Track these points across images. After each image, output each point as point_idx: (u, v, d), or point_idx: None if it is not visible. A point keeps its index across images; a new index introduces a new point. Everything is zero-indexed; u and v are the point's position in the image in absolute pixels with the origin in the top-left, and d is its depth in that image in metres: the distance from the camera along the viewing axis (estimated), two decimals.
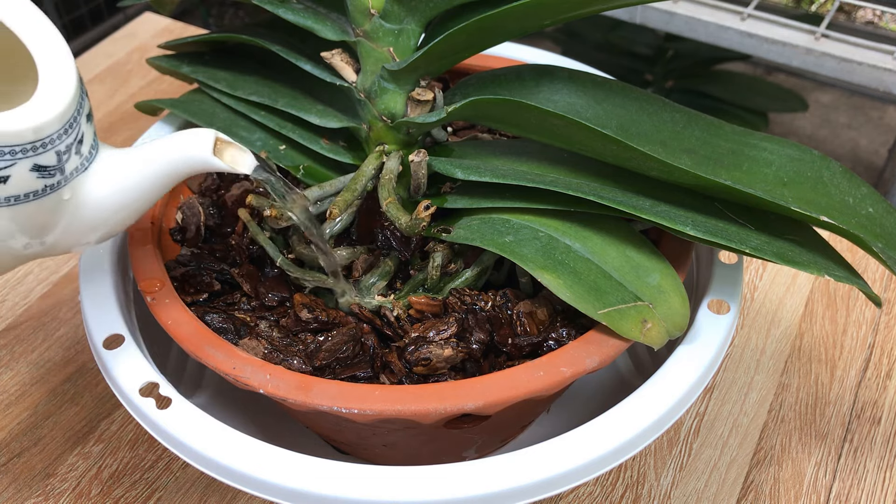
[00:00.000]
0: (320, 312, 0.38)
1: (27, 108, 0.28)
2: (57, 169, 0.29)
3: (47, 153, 0.28)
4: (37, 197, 0.29)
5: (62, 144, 0.29)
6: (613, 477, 0.45)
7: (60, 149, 0.29)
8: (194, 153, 0.32)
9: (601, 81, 0.40)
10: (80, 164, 0.30)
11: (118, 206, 0.32)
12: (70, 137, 0.29)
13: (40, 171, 0.28)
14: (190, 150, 0.32)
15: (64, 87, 0.29)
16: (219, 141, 0.33)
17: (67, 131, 0.29)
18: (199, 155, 0.32)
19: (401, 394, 0.33)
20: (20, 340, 0.52)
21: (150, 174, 0.32)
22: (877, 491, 0.45)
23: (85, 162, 0.30)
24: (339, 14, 0.40)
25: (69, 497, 0.44)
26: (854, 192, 0.38)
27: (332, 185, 0.41)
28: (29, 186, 0.28)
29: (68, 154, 0.29)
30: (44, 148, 0.28)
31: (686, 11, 0.83)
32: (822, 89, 1.47)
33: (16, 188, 0.28)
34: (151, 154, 0.32)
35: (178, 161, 0.32)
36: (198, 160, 0.33)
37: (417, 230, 0.37)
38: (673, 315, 0.35)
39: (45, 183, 0.29)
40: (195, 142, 0.32)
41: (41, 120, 0.28)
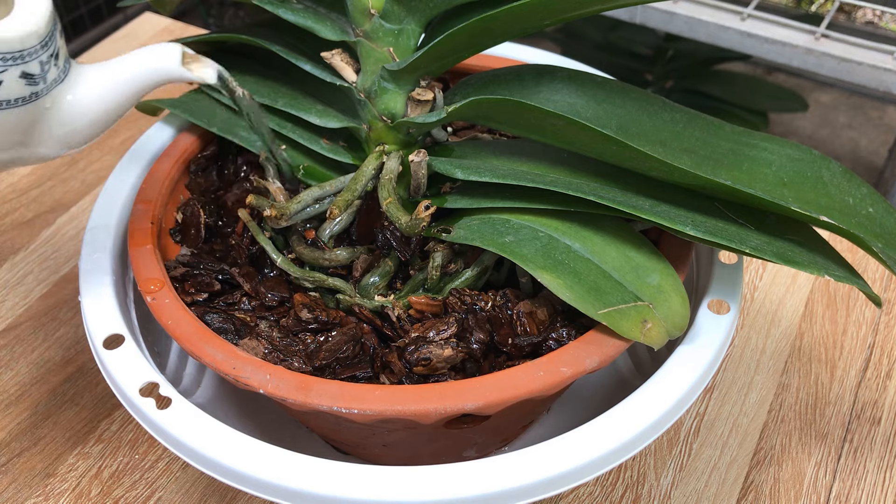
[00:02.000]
0: (320, 312, 0.38)
1: (11, 20, 0.31)
2: (41, 77, 0.32)
3: (33, 62, 0.31)
4: (25, 103, 0.32)
5: (44, 55, 0.32)
6: (613, 477, 0.45)
7: (43, 59, 0.32)
8: (163, 65, 0.35)
9: (601, 81, 0.40)
10: (58, 76, 0.33)
11: (93, 115, 0.35)
12: (50, 49, 0.32)
13: (28, 79, 0.31)
14: (159, 62, 0.35)
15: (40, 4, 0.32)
16: (185, 55, 0.36)
17: (47, 44, 0.32)
18: (168, 66, 0.35)
19: (401, 394, 0.33)
20: (20, 340, 0.52)
21: (122, 84, 0.35)
22: (877, 491, 0.45)
23: (61, 74, 0.33)
24: (339, 14, 0.40)
25: (69, 497, 0.44)
26: (854, 192, 0.38)
27: (332, 185, 0.41)
28: (18, 92, 0.31)
29: (48, 65, 0.32)
30: (30, 57, 0.31)
31: (686, 11, 0.83)
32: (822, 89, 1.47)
33: (7, 93, 0.31)
34: (122, 67, 0.35)
35: (148, 72, 0.35)
36: (167, 71, 0.35)
37: (417, 230, 0.37)
38: (673, 315, 0.35)
39: (31, 90, 0.32)
40: (164, 54, 0.35)
41: (26, 30, 0.31)
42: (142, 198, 0.43)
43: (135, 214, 0.42)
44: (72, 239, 0.58)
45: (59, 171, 0.64)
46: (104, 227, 0.42)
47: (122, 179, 0.45)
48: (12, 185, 0.63)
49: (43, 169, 0.64)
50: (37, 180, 0.63)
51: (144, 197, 0.43)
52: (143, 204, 0.42)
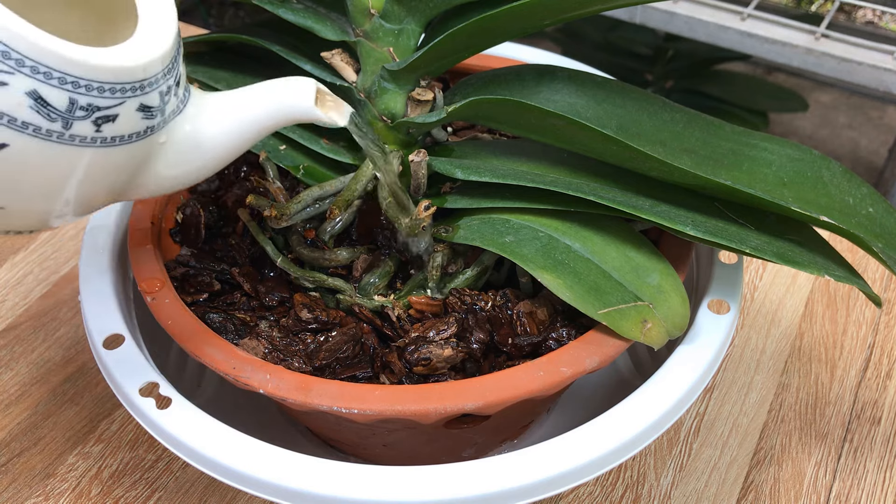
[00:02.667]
0: (320, 312, 0.38)
1: (133, 46, 0.27)
2: (159, 110, 0.28)
3: (152, 93, 0.28)
4: (139, 138, 0.28)
5: (164, 85, 0.28)
6: (613, 477, 0.45)
7: (163, 89, 0.28)
8: (296, 103, 0.31)
9: (601, 81, 0.40)
10: (177, 107, 0.30)
11: (213, 150, 0.31)
12: (171, 78, 0.29)
13: (145, 112, 0.28)
14: (292, 100, 0.31)
15: (167, 24, 0.29)
16: (319, 92, 0.32)
17: (170, 71, 0.29)
18: (301, 105, 0.31)
19: (401, 394, 0.33)
20: (20, 340, 0.52)
21: (246, 121, 0.31)
22: (877, 491, 0.45)
23: (181, 104, 0.30)
24: (339, 14, 0.40)
25: (69, 497, 0.44)
26: (854, 192, 0.38)
27: (332, 185, 0.41)
28: (133, 127, 0.28)
29: (169, 95, 0.29)
30: (150, 87, 0.28)
31: (686, 11, 0.83)
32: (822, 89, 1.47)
33: (122, 128, 0.27)
34: (249, 100, 0.31)
35: (278, 110, 0.31)
36: (299, 110, 0.31)
37: (417, 230, 0.37)
38: (673, 315, 0.35)
39: (147, 124, 0.28)
40: (298, 91, 0.31)
41: (149, 58, 0.27)
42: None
43: (135, 214, 0.42)
44: (72, 239, 0.58)
45: None
46: (104, 227, 0.42)
47: None
48: None
49: None
50: None
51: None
52: (143, 204, 0.42)
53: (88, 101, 0.26)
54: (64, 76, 0.25)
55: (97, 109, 0.26)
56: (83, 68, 0.26)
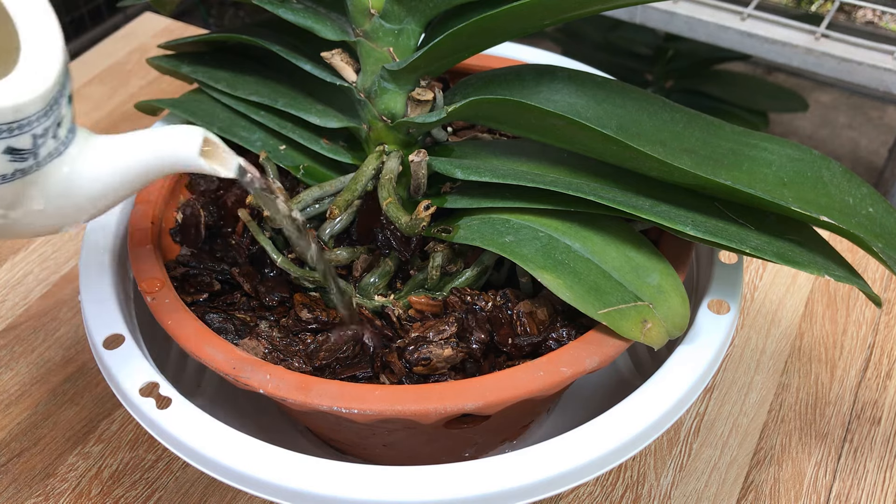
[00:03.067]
0: (320, 312, 0.38)
1: (7, 84, 0.25)
2: (31, 153, 0.26)
3: (23, 136, 0.26)
4: (5, 181, 0.26)
5: (40, 127, 0.26)
6: (613, 477, 0.45)
7: (38, 132, 0.26)
8: (180, 152, 0.30)
9: (601, 81, 0.40)
10: (56, 149, 0.28)
11: (89, 197, 0.30)
12: (49, 120, 0.27)
13: (13, 155, 0.26)
14: (176, 149, 0.30)
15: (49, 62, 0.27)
16: (206, 141, 0.31)
17: (48, 113, 0.26)
18: (184, 154, 0.30)
19: (401, 394, 0.33)
20: (20, 340, 0.52)
21: (129, 168, 0.30)
22: (877, 491, 0.45)
23: (61, 146, 0.28)
24: (339, 14, 0.40)
25: (69, 497, 0.44)
26: (854, 192, 0.38)
27: (332, 185, 0.41)
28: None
29: (44, 138, 0.27)
30: (20, 130, 0.26)
31: (686, 11, 0.83)
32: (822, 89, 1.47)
33: None
34: (133, 146, 0.30)
35: (161, 158, 0.30)
36: (182, 160, 0.30)
37: (417, 230, 0.37)
38: (673, 315, 0.35)
39: (15, 167, 0.26)
40: (182, 140, 0.30)
41: (22, 99, 0.25)
42: (142, 198, 0.43)
43: (135, 214, 0.42)
44: (72, 239, 0.58)
45: None
46: (104, 227, 0.42)
47: None
48: None
49: None
50: None
51: (144, 197, 0.43)
52: (143, 204, 0.42)
53: None
54: None
55: None
56: None
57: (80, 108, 0.70)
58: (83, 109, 0.70)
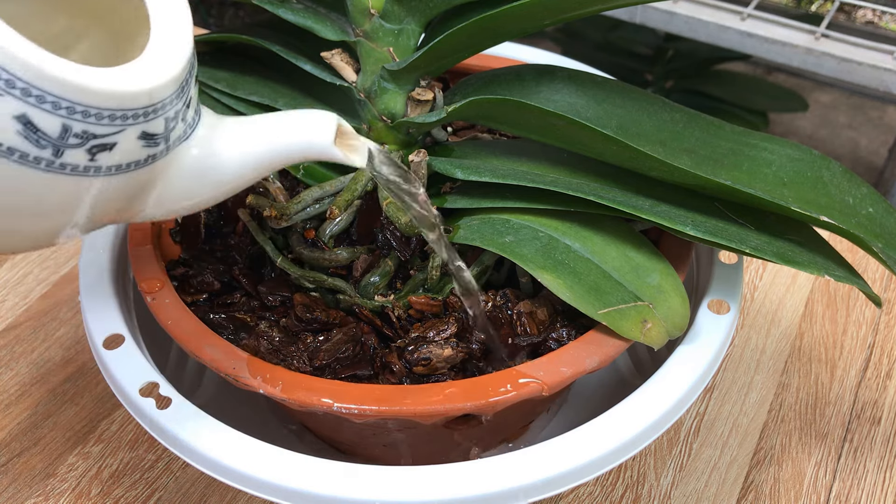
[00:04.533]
0: (320, 312, 0.38)
1: (140, 67, 0.24)
2: (163, 137, 0.26)
3: (157, 119, 0.25)
4: (137, 167, 0.25)
5: (172, 110, 0.25)
6: (613, 477, 0.45)
7: (170, 115, 0.25)
8: (315, 139, 0.29)
9: (601, 81, 0.40)
10: (184, 132, 0.27)
11: (213, 182, 0.29)
12: (180, 103, 0.26)
13: (147, 140, 0.25)
14: (310, 136, 0.29)
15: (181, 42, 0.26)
16: (340, 128, 0.29)
17: (180, 95, 0.26)
18: (319, 142, 0.29)
19: (401, 394, 0.33)
20: (20, 340, 0.52)
21: (259, 152, 0.29)
22: (877, 491, 0.45)
23: (188, 129, 0.27)
24: (339, 14, 0.40)
25: (69, 497, 0.44)
26: (854, 192, 0.38)
27: (332, 185, 0.41)
28: (132, 156, 0.25)
29: (175, 121, 0.26)
30: (154, 114, 0.25)
31: (686, 11, 0.83)
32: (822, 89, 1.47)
33: (120, 157, 0.25)
34: (263, 131, 0.29)
35: (294, 144, 0.29)
36: (317, 147, 0.29)
37: (417, 230, 0.37)
38: (673, 315, 0.35)
39: (148, 152, 0.25)
40: (317, 126, 0.29)
41: (157, 82, 0.25)
42: None
43: None
44: None
45: None
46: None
47: None
48: None
49: None
50: None
51: None
52: None
53: (84, 128, 0.23)
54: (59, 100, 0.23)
55: (93, 137, 0.24)
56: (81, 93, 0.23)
57: None
58: None
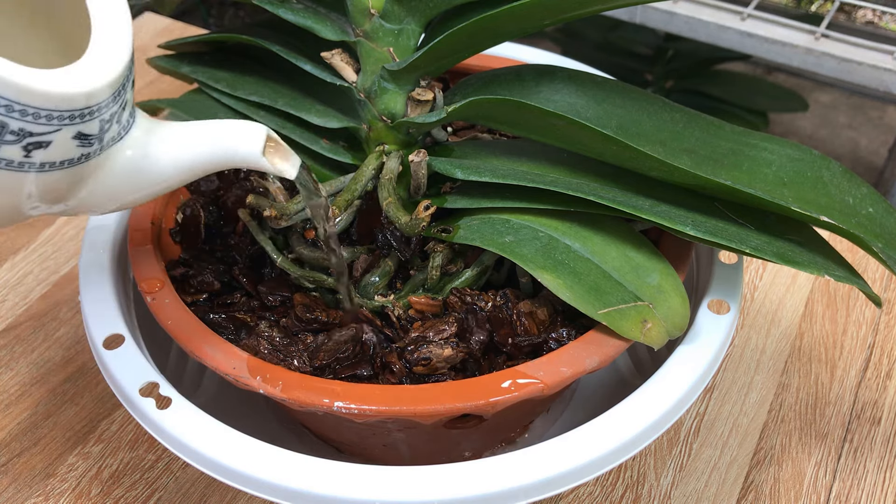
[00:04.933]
0: (320, 312, 0.38)
1: (79, 71, 0.25)
2: (97, 138, 0.27)
3: (93, 121, 0.26)
4: (71, 165, 0.27)
5: (108, 113, 0.27)
6: (613, 477, 0.45)
7: (105, 117, 0.27)
8: (243, 149, 0.30)
9: (601, 81, 0.40)
10: (118, 134, 0.28)
11: (144, 183, 0.30)
12: (116, 105, 0.27)
13: (81, 140, 0.26)
14: (238, 145, 0.30)
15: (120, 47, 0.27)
16: (269, 139, 0.30)
17: (116, 99, 0.27)
18: (248, 152, 0.30)
19: (401, 394, 0.33)
20: (20, 340, 0.52)
21: (189, 157, 0.30)
22: (877, 491, 0.45)
23: (122, 131, 0.28)
24: (339, 14, 0.40)
25: (69, 497, 0.44)
26: (854, 192, 0.38)
27: (332, 185, 0.41)
28: (66, 154, 0.26)
29: (110, 123, 0.27)
30: (91, 116, 0.26)
31: (686, 11, 0.83)
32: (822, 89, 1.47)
33: (54, 155, 0.26)
34: (196, 136, 0.30)
35: (222, 153, 0.30)
36: (244, 157, 0.30)
37: (417, 230, 0.37)
38: (673, 315, 0.35)
39: (81, 151, 0.26)
40: (246, 137, 0.30)
41: (94, 85, 0.25)
42: None
43: (135, 214, 0.42)
44: (72, 239, 0.58)
45: None
46: (104, 227, 0.42)
47: None
48: None
49: None
50: None
51: None
52: (142, 204, 0.42)
53: (21, 125, 0.24)
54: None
55: (29, 135, 0.24)
56: (20, 92, 0.24)
57: None
58: None
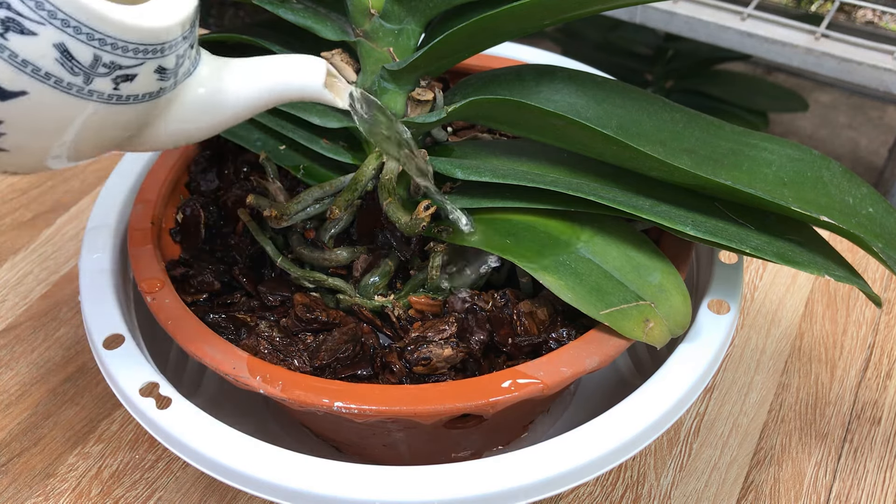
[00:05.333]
0: (320, 312, 0.38)
1: (158, 8, 0.28)
2: (173, 72, 0.29)
3: (171, 56, 0.28)
4: (151, 98, 0.29)
5: (182, 48, 0.29)
6: (613, 477, 0.45)
7: (180, 52, 0.29)
8: (307, 81, 0.32)
9: (601, 81, 0.40)
10: (188, 69, 0.30)
11: (217, 114, 0.32)
12: (187, 43, 0.29)
13: (161, 74, 0.28)
14: (302, 78, 0.32)
15: None
16: (329, 74, 0.33)
17: (188, 35, 0.29)
18: (311, 84, 0.32)
19: (401, 394, 0.33)
20: (20, 340, 0.52)
21: (256, 90, 0.32)
22: (877, 491, 0.45)
23: (192, 67, 0.30)
24: (339, 14, 0.40)
25: (69, 497, 0.44)
26: (854, 192, 0.38)
27: (332, 185, 0.41)
28: (148, 87, 0.28)
29: (183, 58, 0.29)
30: (170, 50, 0.28)
31: (686, 11, 0.83)
32: (822, 89, 1.47)
33: (138, 88, 0.28)
34: (258, 71, 0.32)
35: (285, 85, 0.32)
36: (308, 89, 0.32)
37: (417, 230, 0.37)
38: (675, 314, 0.35)
39: (160, 85, 0.29)
40: (310, 70, 0.32)
41: (172, 21, 0.28)
42: (142, 198, 0.43)
43: (135, 214, 0.42)
44: (72, 239, 0.58)
45: (60, 171, 0.64)
46: (104, 227, 0.42)
47: (122, 179, 0.45)
48: (12, 185, 0.63)
49: None
50: (37, 180, 0.63)
51: (144, 197, 0.43)
52: (142, 204, 0.42)
53: (112, 59, 0.26)
54: (93, 32, 0.25)
55: (119, 68, 0.27)
56: (114, 27, 0.26)
57: None
58: None
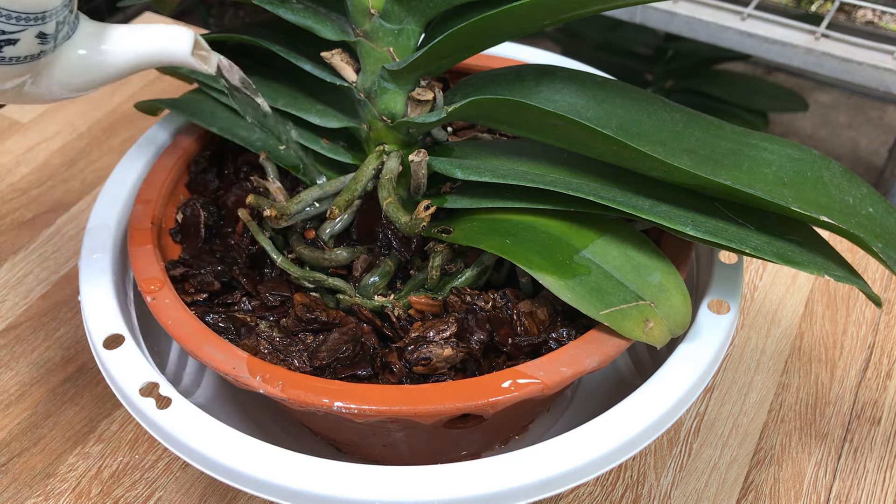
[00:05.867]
0: (320, 312, 0.38)
1: None
2: (52, 37, 0.32)
3: (50, 22, 0.32)
4: (32, 60, 0.32)
5: (61, 15, 0.32)
6: (613, 477, 0.45)
7: (60, 18, 0.32)
8: (175, 49, 0.36)
9: (601, 81, 0.40)
10: (67, 32, 0.34)
11: (96, 74, 0.36)
12: (67, 9, 0.32)
13: (41, 38, 0.32)
14: (172, 45, 0.36)
15: None
16: (197, 43, 0.37)
17: (68, 3, 0.32)
18: (179, 51, 0.36)
19: (401, 394, 0.33)
20: (20, 340, 0.52)
21: (128, 55, 0.36)
22: (877, 491, 0.45)
23: (70, 31, 0.34)
24: (339, 14, 0.40)
25: (69, 497, 0.44)
26: (854, 192, 0.38)
27: (332, 185, 0.41)
28: (29, 50, 0.32)
29: (63, 24, 0.33)
30: (49, 18, 0.31)
31: (686, 11, 0.83)
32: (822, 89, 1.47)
33: (20, 51, 0.31)
34: (133, 38, 0.36)
35: (158, 51, 0.36)
36: (177, 55, 0.36)
37: (417, 230, 0.37)
38: (675, 313, 0.35)
39: (40, 49, 0.32)
40: (178, 39, 0.36)
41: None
42: (142, 198, 0.43)
43: (135, 214, 0.42)
44: (72, 239, 0.58)
45: (59, 171, 0.64)
46: (104, 227, 0.42)
47: (122, 179, 0.45)
48: (12, 185, 0.63)
49: (43, 169, 0.64)
50: (37, 180, 0.63)
51: (144, 197, 0.43)
52: (143, 204, 0.42)
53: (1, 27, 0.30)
54: None
55: (2, 34, 0.30)
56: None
57: (80, 109, 0.70)
58: (83, 109, 0.70)
